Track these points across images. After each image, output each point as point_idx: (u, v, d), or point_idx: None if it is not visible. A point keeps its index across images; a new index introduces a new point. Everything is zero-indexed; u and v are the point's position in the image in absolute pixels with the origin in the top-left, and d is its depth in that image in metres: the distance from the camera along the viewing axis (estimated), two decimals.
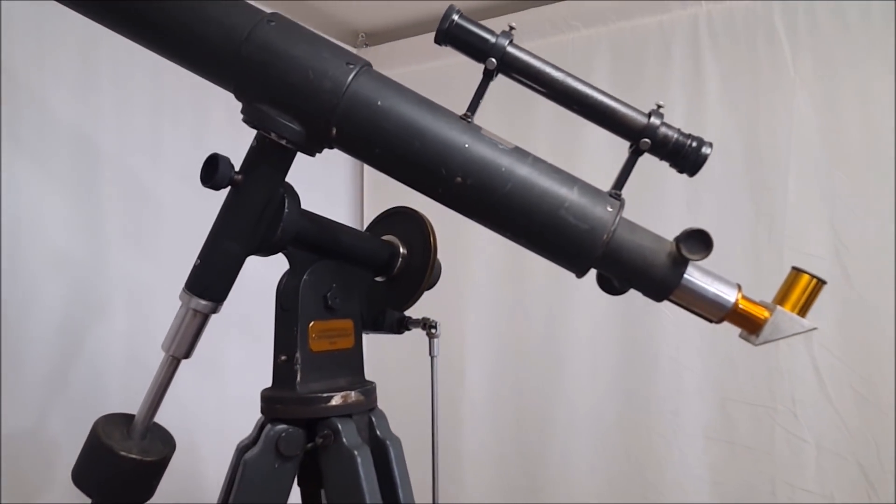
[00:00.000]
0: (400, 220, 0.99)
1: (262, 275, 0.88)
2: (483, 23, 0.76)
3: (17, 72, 1.25)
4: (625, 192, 0.77)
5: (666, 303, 0.77)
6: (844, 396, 1.40)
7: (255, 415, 0.84)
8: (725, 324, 0.78)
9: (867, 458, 1.37)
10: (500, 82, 0.78)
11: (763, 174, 1.50)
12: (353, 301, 0.87)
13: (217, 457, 1.34)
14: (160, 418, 0.80)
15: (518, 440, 1.78)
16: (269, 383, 0.84)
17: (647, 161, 0.77)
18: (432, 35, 0.76)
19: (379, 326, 0.92)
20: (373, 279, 0.94)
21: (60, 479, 1.31)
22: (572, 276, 0.78)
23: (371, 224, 1.02)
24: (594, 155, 1.62)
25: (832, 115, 1.45)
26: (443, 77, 1.48)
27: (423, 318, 0.93)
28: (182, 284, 0.76)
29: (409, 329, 0.93)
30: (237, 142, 0.77)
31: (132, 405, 1.41)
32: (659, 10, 1.65)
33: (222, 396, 1.54)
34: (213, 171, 0.72)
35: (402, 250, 0.95)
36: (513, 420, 1.78)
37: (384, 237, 0.97)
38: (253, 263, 0.79)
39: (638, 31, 1.67)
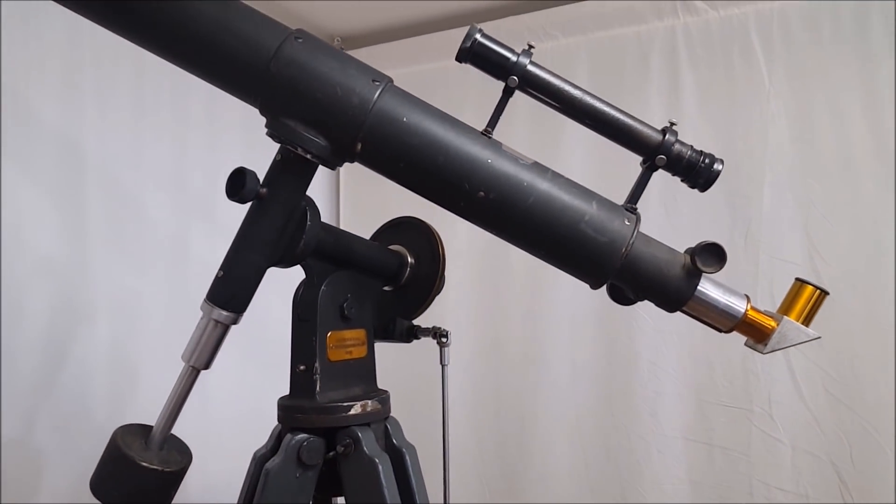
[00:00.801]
0: (406, 229, 1.00)
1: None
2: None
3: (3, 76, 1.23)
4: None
5: (644, 306, 0.80)
6: (818, 397, 1.46)
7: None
8: (702, 328, 0.81)
9: (840, 457, 1.43)
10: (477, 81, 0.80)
11: (739, 182, 1.55)
12: (366, 310, 0.88)
13: (218, 464, 1.34)
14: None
15: (498, 441, 1.80)
16: (256, 391, 0.84)
17: (624, 167, 0.80)
18: (409, 40, 0.78)
19: (390, 335, 0.93)
20: (381, 288, 0.95)
21: (47, 485, 1.29)
22: (551, 278, 0.81)
23: (376, 233, 1.03)
24: (569, 156, 1.66)
25: (805, 124, 1.50)
26: (420, 82, 1.49)
27: (434, 328, 0.94)
28: (165, 290, 0.75)
29: (418, 338, 0.95)
30: (216, 149, 0.76)
31: (118, 411, 1.40)
32: (637, 20, 1.69)
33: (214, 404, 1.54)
34: (240, 185, 0.73)
35: (409, 259, 0.96)
36: (493, 421, 1.81)
37: (391, 247, 0.98)
38: None
39: (616, 41, 1.71)
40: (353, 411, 0.81)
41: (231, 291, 0.76)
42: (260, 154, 0.80)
